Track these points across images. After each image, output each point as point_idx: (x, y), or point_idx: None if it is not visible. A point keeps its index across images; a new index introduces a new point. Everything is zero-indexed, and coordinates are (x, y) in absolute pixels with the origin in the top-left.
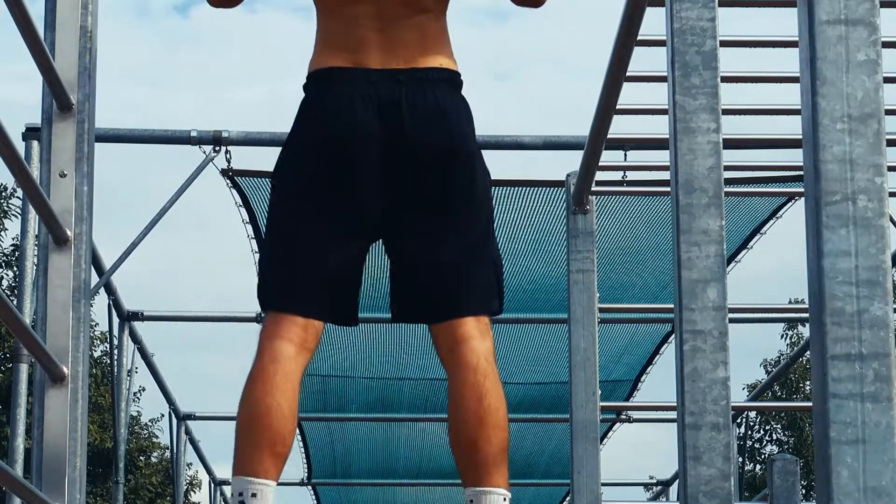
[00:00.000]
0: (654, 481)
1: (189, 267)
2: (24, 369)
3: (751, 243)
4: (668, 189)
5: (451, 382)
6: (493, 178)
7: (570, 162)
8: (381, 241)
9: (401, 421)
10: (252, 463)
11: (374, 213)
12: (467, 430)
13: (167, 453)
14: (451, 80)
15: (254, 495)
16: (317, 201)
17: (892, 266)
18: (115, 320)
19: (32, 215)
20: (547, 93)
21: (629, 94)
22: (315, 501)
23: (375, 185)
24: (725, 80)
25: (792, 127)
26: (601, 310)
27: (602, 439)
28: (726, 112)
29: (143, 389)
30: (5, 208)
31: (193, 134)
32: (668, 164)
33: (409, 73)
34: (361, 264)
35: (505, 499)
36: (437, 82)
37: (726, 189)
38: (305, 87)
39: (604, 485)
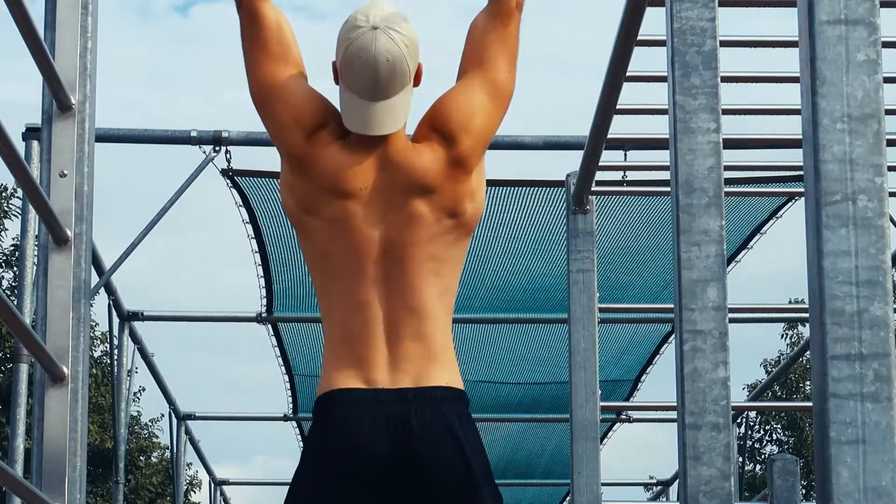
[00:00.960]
0: (654, 481)
1: (189, 267)
2: (24, 369)
3: (751, 243)
4: (668, 189)
5: None
6: (493, 178)
7: (570, 162)
8: None
9: None
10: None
11: None
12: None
13: (167, 453)
14: (459, 399)
15: None
16: None
17: (892, 266)
18: (115, 320)
19: (32, 215)
20: (547, 93)
21: (629, 94)
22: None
23: (385, 501)
24: (725, 80)
25: (792, 127)
26: (601, 310)
27: (602, 439)
28: (726, 112)
29: (143, 389)
30: (5, 208)
31: (193, 134)
32: (668, 164)
33: (418, 392)
34: None
35: None
36: (444, 402)
37: (726, 189)
38: (316, 410)
39: (604, 485)
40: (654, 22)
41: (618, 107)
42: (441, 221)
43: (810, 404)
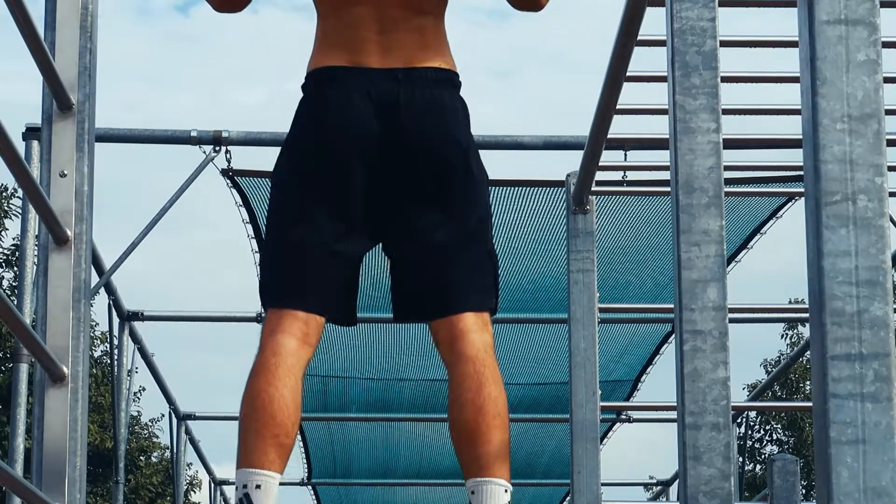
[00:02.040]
0: (654, 481)
1: (189, 267)
2: (24, 369)
3: (751, 243)
4: (668, 189)
5: (451, 375)
6: (493, 178)
7: (570, 162)
8: (380, 242)
9: (401, 421)
10: (256, 454)
11: (372, 209)
12: (466, 419)
13: (167, 453)
14: (450, 80)
15: (258, 487)
16: (316, 199)
17: (892, 266)
18: (115, 320)
19: (32, 215)
20: (547, 93)
21: (629, 94)
22: (315, 501)
23: (373, 182)
24: (725, 80)
25: (792, 127)
26: (601, 310)
27: (602, 439)
28: (726, 112)
29: (143, 389)
30: (5, 208)
31: (193, 134)
32: (668, 164)
33: (408, 72)
34: (359, 263)
35: (506, 490)
36: (435, 82)
37: (726, 189)
38: (304, 86)
39: (604, 485)
40: (654, 22)
41: (618, 107)
42: None
43: (810, 404)
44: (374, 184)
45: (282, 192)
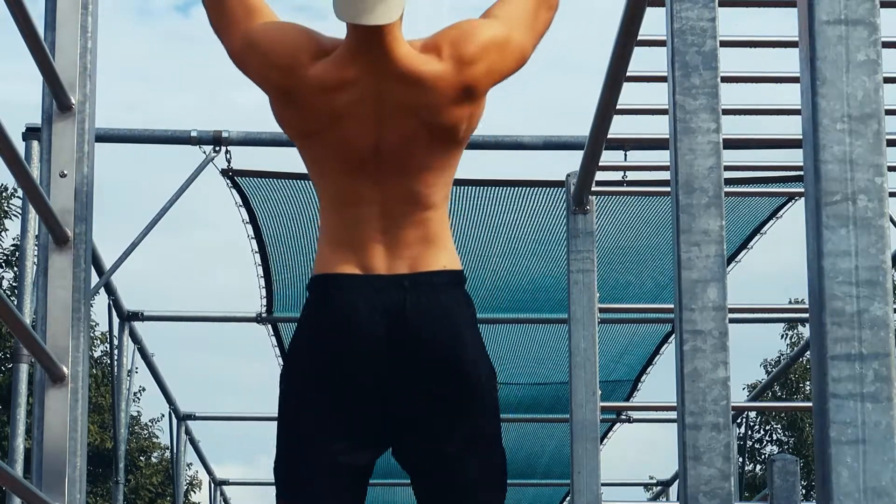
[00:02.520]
0: (654, 481)
1: (189, 267)
2: (24, 369)
3: (751, 243)
4: (668, 189)
5: None
6: (493, 178)
7: (570, 162)
8: (391, 448)
9: None
10: None
11: (382, 417)
12: None
13: (167, 453)
14: (455, 281)
15: None
16: (324, 409)
17: (892, 266)
18: (115, 320)
19: (32, 215)
20: (547, 93)
21: (629, 94)
22: None
23: (383, 389)
24: (725, 80)
25: (792, 127)
26: (601, 310)
27: (602, 439)
28: (726, 112)
29: (143, 389)
30: (5, 208)
31: (193, 134)
32: (668, 164)
33: (414, 278)
34: (371, 469)
35: None
36: (441, 286)
37: (726, 189)
38: (310, 289)
39: (604, 485)
40: (654, 22)
41: (618, 107)
42: (436, 140)
43: (810, 404)
44: (383, 391)
45: (289, 400)
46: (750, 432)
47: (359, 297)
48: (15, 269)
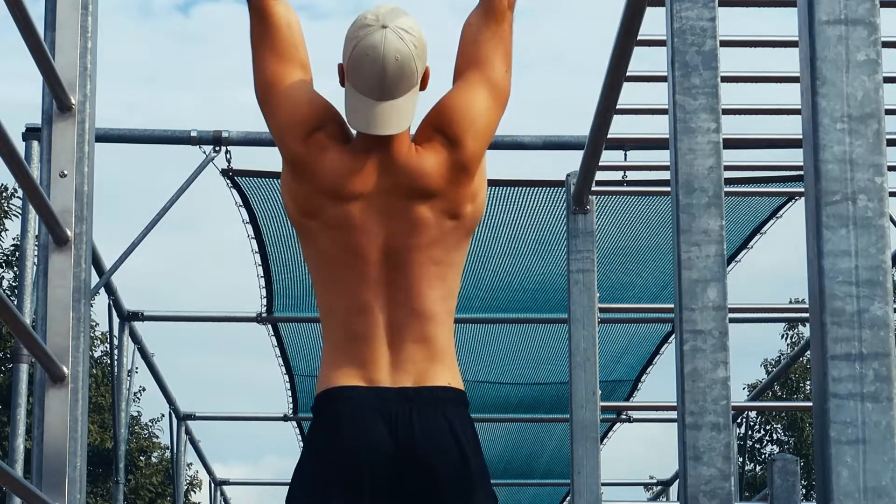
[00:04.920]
0: (654, 481)
1: (189, 267)
2: (24, 369)
3: (751, 243)
4: (668, 189)
5: None
6: (493, 178)
7: (570, 162)
8: None
9: None
10: None
11: None
12: None
13: (167, 453)
14: (458, 399)
15: None
16: None
17: (892, 266)
18: (115, 320)
19: (32, 215)
20: (547, 93)
21: (629, 94)
22: None
23: (385, 499)
24: (725, 80)
25: (792, 127)
26: (601, 310)
27: (602, 439)
28: (726, 112)
29: (143, 389)
30: (5, 208)
31: (193, 134)
32: (668, 164)
33: (419, 391)
34: None
35: None
36: (445, 402)
37: (726, 189)
38: (316, 408)
39: (604, 485)
40: (654, 22)
41: (618, 107)
42: (443, 225)
43: (810, 404)
44: (388, 499)
45: None
46: (750, 432)
47: (364, 408)
48: (15, 269)
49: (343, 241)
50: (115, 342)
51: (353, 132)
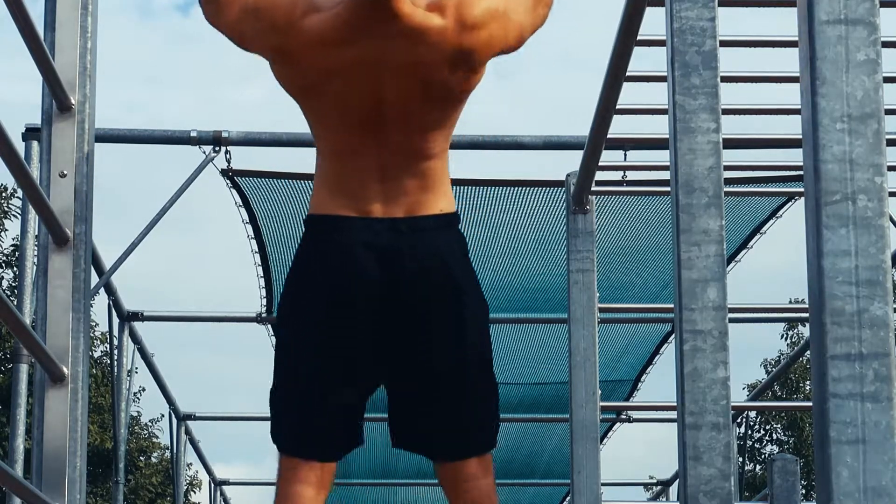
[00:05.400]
0: (654, 481)
1: (189, 267)
2: (24, 369)
3: (751, 243)
4: (668, 189)
5: None
6: (493, 178)
7: (570, 162)
8: (386, 382)
9: None
10: None
11: (378, 355)
12: None
13: (167, 453)
14: (449, 222)
15: None
16: (321, 347)
17: (892, 266)
18: (115, 320)
19: (32, 215)
20: (547, 93)
21: (629, 94)
22: None
23: (376, 330)
24: (725, 80)
25: (792, 127)
26: (601, 310)
27: (602, 439)
28: (726, 112)
29: (143, 389)
30: (5, 208)
31: (193, 134)
32: (668, 164)
33: (410, 222)
34: (365, 404)
35: None
36: (437, 229)
37: (726, 189)
38: (307, 226)
39: (604, 485)
40: (654, 22)
41: (618, 107)
42: (436, 98)
43: (810, 404)
44: (379, 329)
45: (286, 338)
46: (750, 432)
47: (355, 239)
48: (15, 269)
49: (339, 106)
50: (115, 342)
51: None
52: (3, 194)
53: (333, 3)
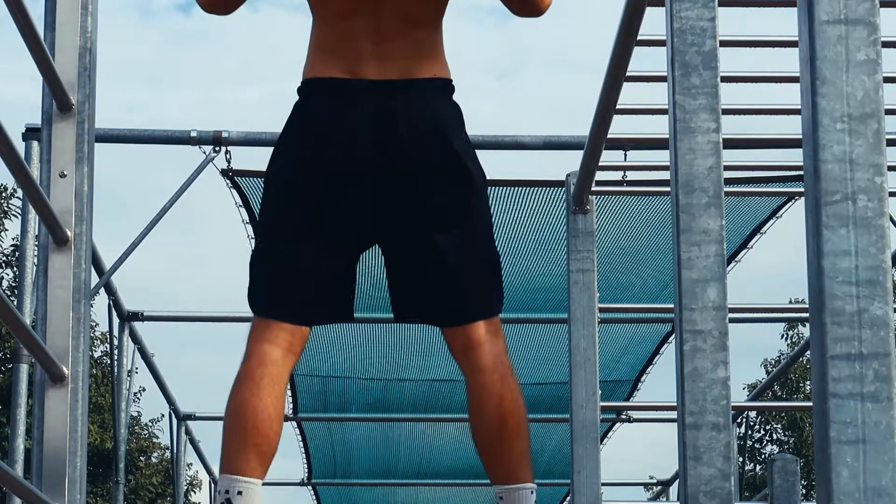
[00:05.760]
0: (654, 481)
1: (189, 267)
2: (24, 369)
3: (751, 243)
4: (668, 189)
5: (469, 385)
6: (493, 178)
7: (570, 162)
8: (378, 244)
9: (401, 421)
10: (238, 461)
11: (368, 221)
12: (490, 433)
13: (167, 453)
14: (444, 87)
15: (239, 493)
16: (309, 209)
17: (893, 266)
18: (115, 320)
19: (32, 215)
20: (547, 93)
21: (629, 94)
22: (315, 501)
23: (370, 194)
24: (725, 80)
25: (792, 127)
26: (601, 310)
27: (602, 439)
28: (726, 112)
29: (143, 389)
30: (5, 208)
31: (193, 134)
32: (668, 164)
33: (405, 83)
34: (356, 263)
35: (532, 491)
36: (431, 92)
37: (726, 189)
38: (300, 92)
39: (604, 485)
40: (654, 22)
41: (618, 107)
42: None
43: (810, 404)
44: (370, 195)
45: (272, 198)
46: (750, 432)
47: (348, 100)
48: (15, 269)
49: None
50: (115, 342)
51: None
52: (3, 194)
53: None
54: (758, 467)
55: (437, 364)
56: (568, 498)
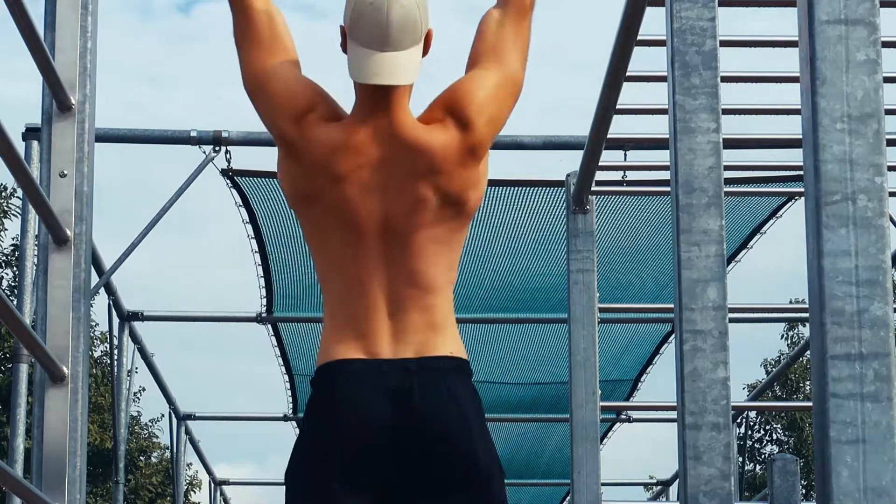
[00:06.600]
0: (654, 481)
1: (189, 267)
2: (24, 369)
3: (751, 243)
4: (668, 189)
5: None
6: (493, 178)
7: (571, 162)
8: None
9: None
10: None
11: (390, 502)
12: None
13: (167, 453)
14: (461, 368)
15: None
16: (331, 499)
17: (892, 266)
18: (115, 320)
19: (32, 215)
20: (547, 93)
21: (629, 94)
22: None
23: (391, 474)
24: (725, 80)
25: (792, 127)
26: (601, 310)
27: (602, 439)
28: (726, 112)
29: (143, 389)
30: (5, 208)
31: (193, 134)
32: (668, 164)
33: (420, 362)
34: None
35: None
36: (448, 371)
37: (726, 189)
38: (315, 382)
39: (604, 485)
40: (654, 22)
41: (618, 107)
42: (444, 208)
43: (810, 404)
44: (391, 476)
45: (296, 493)
46: (750, 432)
47: (364, 382)
48: (15, 269)
49: (342, 219)
50: (115, 342)
51: (348, 112)
52: (3, 194)
53: (342, 114)
54: (758, 467)
55: None
56: (568, 498)
